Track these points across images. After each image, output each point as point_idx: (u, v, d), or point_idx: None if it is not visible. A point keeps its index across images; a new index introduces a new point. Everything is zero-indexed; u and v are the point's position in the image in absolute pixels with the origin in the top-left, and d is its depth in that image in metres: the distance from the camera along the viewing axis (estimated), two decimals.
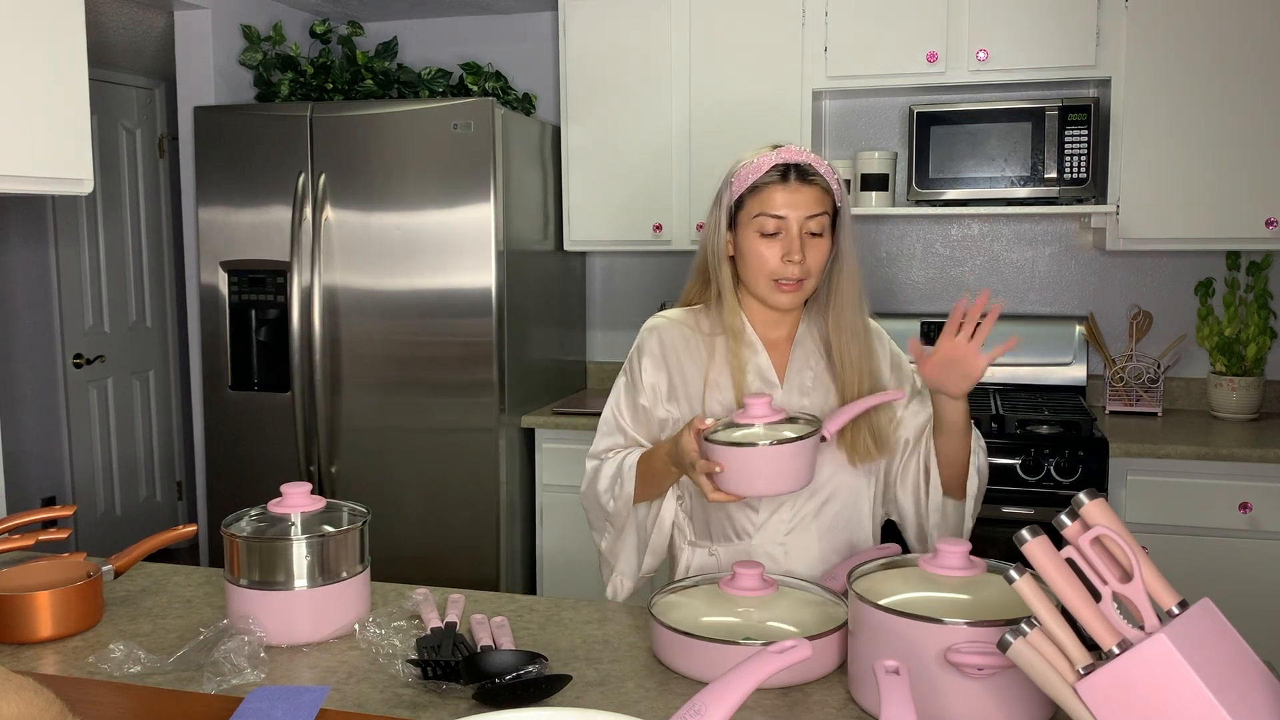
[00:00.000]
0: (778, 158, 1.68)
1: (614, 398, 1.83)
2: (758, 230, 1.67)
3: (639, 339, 1.82)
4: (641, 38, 3.45)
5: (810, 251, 1.68)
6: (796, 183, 1.66)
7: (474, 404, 3.22)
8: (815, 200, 1.67)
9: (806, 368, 1.76)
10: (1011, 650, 1.03)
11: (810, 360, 1.76)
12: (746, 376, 1.73)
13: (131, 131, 4.81)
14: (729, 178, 1.73)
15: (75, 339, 4.58)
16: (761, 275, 1.69)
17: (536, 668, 1.33)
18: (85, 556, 1.67)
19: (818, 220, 1.67)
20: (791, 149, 1.70)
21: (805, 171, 1.67)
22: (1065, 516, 1.04)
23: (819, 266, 1.70)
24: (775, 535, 1.73)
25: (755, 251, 1.68)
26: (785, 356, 1.77)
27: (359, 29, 3.76)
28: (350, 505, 1.61)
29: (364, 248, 3.24)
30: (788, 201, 1.66)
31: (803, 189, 1.66)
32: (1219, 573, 2.85)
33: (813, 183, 1.67)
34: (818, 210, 1.67)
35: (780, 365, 1.77)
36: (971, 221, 3.60)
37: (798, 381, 1.75)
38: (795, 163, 1.68)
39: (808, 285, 1.70)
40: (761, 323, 1.77)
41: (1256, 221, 3.05)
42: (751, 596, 1.43)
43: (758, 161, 1.69)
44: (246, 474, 3.41)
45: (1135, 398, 3.37)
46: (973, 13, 3.17)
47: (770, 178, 1.67)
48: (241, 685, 1.34)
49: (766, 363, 1.75)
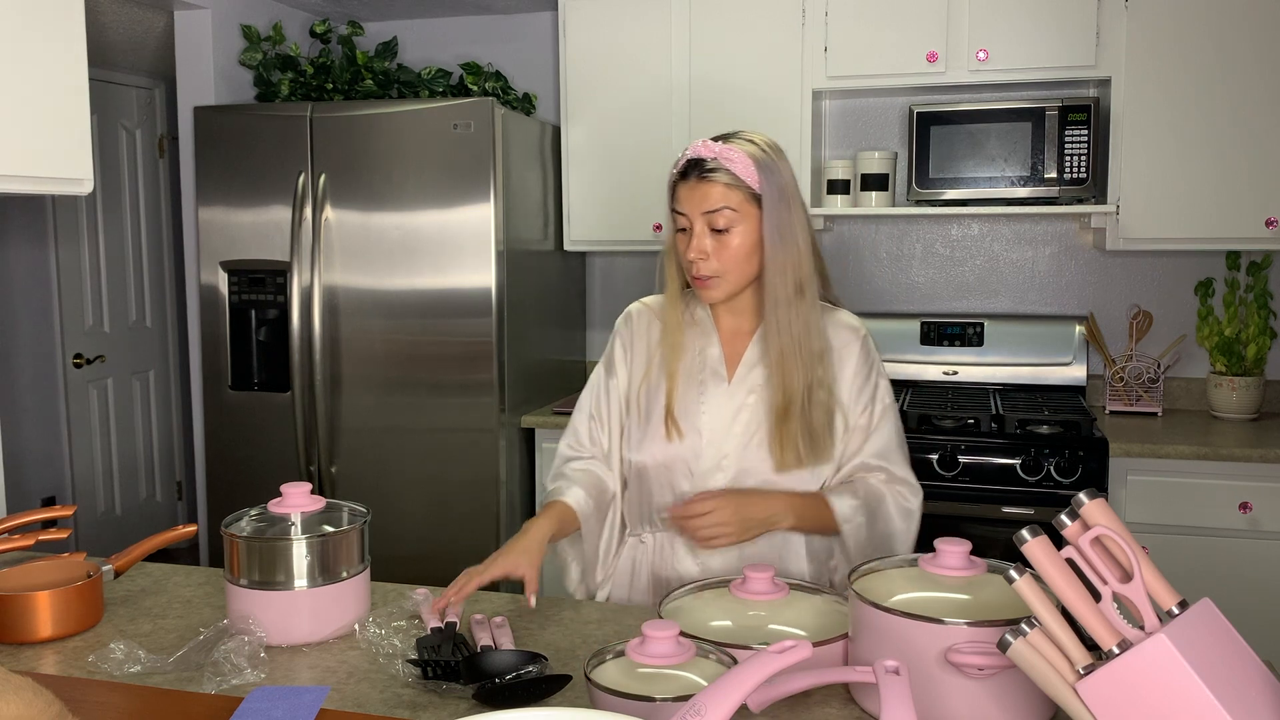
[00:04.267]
0: (689, 153, 1.68)
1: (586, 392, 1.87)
2: (676, 225, 1.70)
3: (618, 321, 1.88)
4: (641, 37, 3.45)
5: (719, 249, 1.66)
6: (695, 180, 1.66)
7: (474, 404, 3.22)
8: (714, 196, 1.64)
9: (760, 364, 1.73)
10: (1011, 650, 1.03)
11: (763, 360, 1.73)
12: (692, 363, 1.74)
13: (131, 131, 4.81)
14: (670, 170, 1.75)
15: (75, 339, 4.58)
16: (684, 269, 1.71)
17: (537, 668, 1.33)
18: (85, 556, 1.67)
19: (720, 216, 1.65)
20: (702, 144, 1.68)
21: (705, 168, 1.65)
22: (1065, 516, 1.04)
23: (731, 262, 1.66)
24: None
25: (676, 245, 1.72)
26: (741, 350, 1.76)
27: (359, 29, 3.76)
28: (350, 505, 1.61)
29: (364, 248, 3.24)
30: (687, 198, 1.67)
31: (700, 186, 1.66)
32: (1219, 573, 2.85)
33: (712, 179, 1.65)
34: (716, 206, 1.64)
35: (733, 357, 1.76)
36: (971, 221, 3.60)
37: (748, 378, 1.73)
38: (695, 157, 1.67)
39: (724, 282, 1.68)
40: (720, 313, 1.78)
41: (1256, 221, 3.05)
42: (761, 600, 1.43)
43: (681, 156, 1.71)
44: (246, 474, 3.41)
45: (1135, 398, 3.37)
46: (973, 13, 3.17)
47: (677, 174, 1.69)
48: (241, 685, 1.34)
49: (718, 353, 1.75)
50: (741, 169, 1.65)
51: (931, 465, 2.95)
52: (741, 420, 1.71)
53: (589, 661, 1.24)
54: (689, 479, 1.73)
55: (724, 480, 1.71)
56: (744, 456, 1.70)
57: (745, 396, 1.72)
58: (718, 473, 1.71)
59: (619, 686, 1.18)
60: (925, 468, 2.96)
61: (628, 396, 1.81)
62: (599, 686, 1.18)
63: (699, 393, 1.73)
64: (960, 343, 3.50)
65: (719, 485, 1.71)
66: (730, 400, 1.72)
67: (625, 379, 1.81)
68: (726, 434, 1.71)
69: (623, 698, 1.15)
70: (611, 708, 1.15)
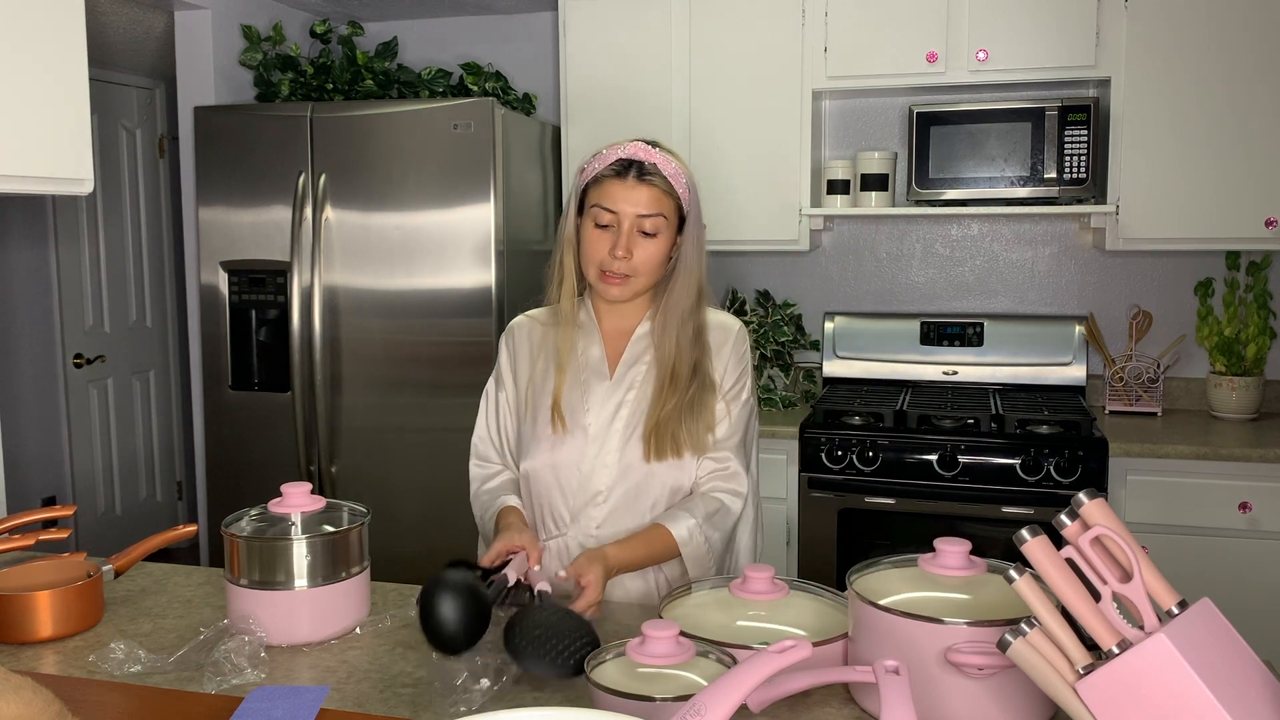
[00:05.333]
0: (623, 152, 1.71)
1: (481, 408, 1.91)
2: (593, 220, 1.71)
3: (500, 339, 1.90)
4: (641, 38, 3.45)
5: (640, 250, 1.70)
6: (634, 180, 1.69)
7: (474, 404, 3.20)
8: (650, 200, 1.69)
9: (640, 362, 1.78)
10: (1011, 650, 1.03)
11: (645, 356, 1.78)
12: (576, 362, 1.77)
13: (131, 131, 4.81)
14: (581, 166, 1.76)
15: (75, 339, 4.58)
16: (592, 264, 1.73)
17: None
18: (85, 556, 1.67)
19: (651, 220, 1.69)
20: (641, 147, 1.72)
21: (645, 170, 1.69)
22: (1065, 516, 1.04)
23: (648, 265, 1.71)
24: (588, 528, 1.75)
25: (589, 240, 1.72)
26: (621, 349, 1.80)
27: (359, 29, 3.76)
28: (350, 505, 1.61)
29: (364, 248, 3.24)
30: (621, 196, 1.69)
31: (639, 187, 1.69)
32: (1219, 573, 2.85)
33: (649, 183, 1.69)
34: (651, 210, 1.69)
35: (614, 356, 1.80)
36: (971, 221, 3.60)
37: (628, 375, 1.78)
38: (636, 159, 1.70)
39: (635, 282, 1.72)
40: (606, 314, 1.81)
41: (1256, 221, 3.05)
42: (761, 600, 1.43)
43: (606, 153, 1.73)
44: (246, 474, 3.41)
45: (1135, 398, 3.37)
46: (973, 13, 3.17)
47: (610, 171, 1.71)
48: (242, 685, 1.34)
49: (600, 353, 1.79)
50: (675, 180, 1.71)
51: (931, 465, 2.96)
52: (623, 416, 1.75)
53: (589, 661, 1.25)
54: (577, 477, 1.76)
55: (608, 477, 1.74)
56: (626, 451, 1.74)
57: (625, 393, 1.77)
58: (602, 469, 1.75)
59: (619, 686, 1.18)
60: (925, 468, 2.96)
61: (517, 406, 1.85)
62: (599, 686, 1.18)
63: (583, 392, 1.77)
64: (960, 343, 3.50)
65: (605, 482, 1.74)
66: (611, 397, 1.76)
67: (512, 388, 1.86)
68: (609, 430, 1.75)
69: (623, 698, 1.15)
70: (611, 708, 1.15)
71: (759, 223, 3.40)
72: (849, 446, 3.03)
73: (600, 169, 1.71)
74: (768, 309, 3.62)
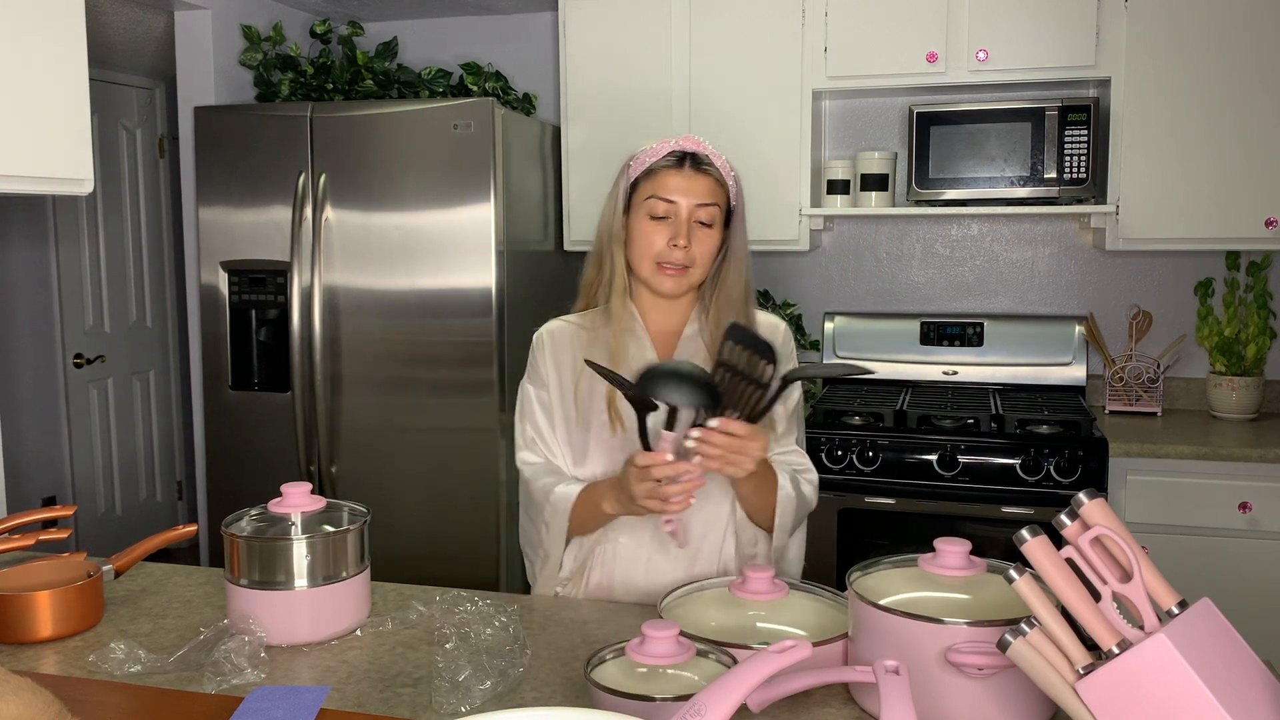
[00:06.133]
0: (675, 144, 1.72)
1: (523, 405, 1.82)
2: (648, 213, 1.70)
3: (534, 343, 1.83)
4: (641, 38, 3.45)
5: (697, 240, 1.70)
6: (690, 170, 1.70)
7: (474, 404, 3.22)
8: (707, 190, 1.69)
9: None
10: (1011, 650, 1.03)
11: (698, 357, 1.76)
12: (628, 365, 1.73)
13: (131, 131, 4.81)
14: (628, 161, 1.76)
15: (75, 339, 4.58)
16: (647, 258, 1.71)
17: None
18: (85, 556, 1.67)
19: (707, 210, 1.69)
20: (692, 139, 1.74)
21: (700, 160, 1.71)
22: (1065, 516, 1.04)
23: (705, 256, 1.71)
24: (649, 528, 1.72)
25: (643, 233, 1.71)
26: (671, 351, 1.78)
27: (359, 29, 3.76)
28: (350, 505, 1.61)
29: (364, 248, 3.24)
30: (679, 187, 1.69)
31: (696, 177, 1.70)
32: (1219, 573, 2.85)
33: (706, 173, 1.70)
34: (708, 200, 1.69)
35: (665, 358, 1.78)
36: (971, 221, 3.60)
37: None
38: (692, 151, 1.71)
39: (693, 274, 1.71)
40: (651, 315, 1.79)
41: (1256, 221, 3.05)
42: (761, 600, 1.43)
43: (656, 147, 1.73)
44: (246, 474, 3.41)
45: (1135, 398, 3.37)
46: (973, 13, 3.17)
47: (666, 162, 1.71)
48: (242, 685, 1.34)
49: (652, 356, 1.77)
50: (725, 172, 1.73)
51: (931, 465, 2.96)
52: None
53: (589, 661, 1.25)
54: None
55: None
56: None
57: None
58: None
59: (619, 686, 1.18)
60: (925, 468, 2.96)
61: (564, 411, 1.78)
62: (599, 686, 1.18)
63: None
64: (960, 343, 3.51)
65: None
66: None
67: (557, 393, 1.79)
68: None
69: (623, 698, 1.15)
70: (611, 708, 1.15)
71: (759, 222, 3.37)
72: (849, 446, 3.03)
73: (654, 161, 1.71)
74: (768, 309, 3.62)
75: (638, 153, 1.75)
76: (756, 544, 1.77)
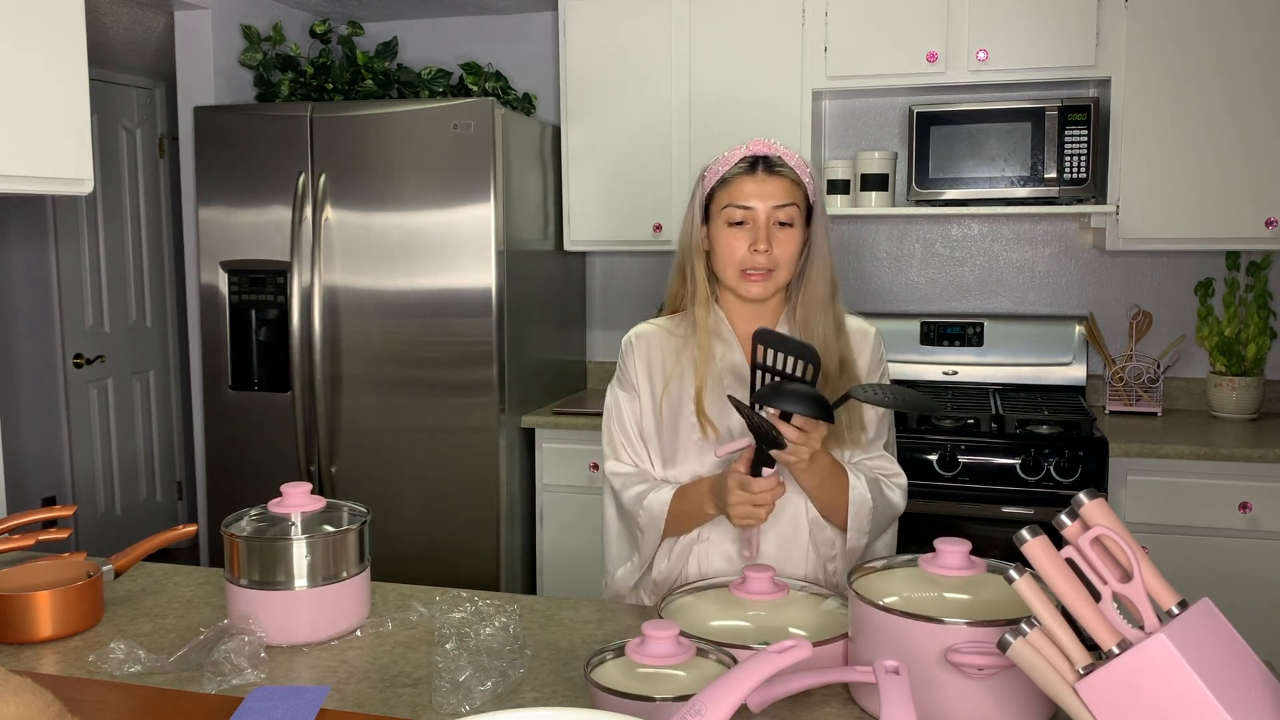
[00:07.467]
0: (747, 150, 1.73)
1: (613, 410, 1.82)
2: (726, 220, 1.71)
3: (623, 347, 1.84)
4: (641, 38, 3.45)
5: (778, 242, 1.69)
6: (763, 173, 1.70)
7: (474, 404, 3.22)
8: (783, 191, 1.69)
9: None
10: (1011, 650, 1.03)
11: None
12: (715, 368, 1.74)
13: (131, 131, 4.81)
14: (702, 173, 1.77)
15: (75, 339, 4.58)
16: (730, 265, 1.71)
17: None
18: (85, 556, 1.67)
19: (785, 211, 1.69)
20: (762, 142, 1.74)
21: (773, 163, 1.71)
22: (1065, 516, 1.04)
23: (788, 257, 1.71)
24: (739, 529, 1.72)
25: (724, 242, 1.71)
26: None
27: (359, 29, 3.76)
28: (350, 505, 1.61)
29: (364, 248, 3.24)
30: (755, 191, 1.69)
31: (770, 180, 1.70)
32: (1219, 573, 2.85)
33: (780, 174, 1.70)
34: (785, 201, 1.69)
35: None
36: (971, 221, 3.60)
37: None
38: (763, 154, 1.71)
39: (777, 276, 1.71)
40: (740, 318, 1.78)
41: (1256, 221, 3.05)
42: (762, 600, 1.43)
43: (728, 155, 1.74)
44: (246, 474, 3.41)
45: (1135, 398, 3.37)
46: (973, 13, 3.17)
47: (738, 169, 1.71)
48: (241, 685, 1.34)
49: (741, 359, 1.76)
50: (800, 170, 1.73)
51: (931, 465, 2.95)
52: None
53: (589, 661, 1.25)
54: None
55: None
56: None
57: None
58: None
59: (619, 686, 1.18)
60: (925, 468, 2.96)
61: (654, 414, 1.78)
62: (599, 686, 1.18)
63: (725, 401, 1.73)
64: (960, 343, 3.51)
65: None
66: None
67: (648, 396, 1.79)
68: None
69: (623, 698, 1.15)
70: (611, 708, 1.15)
71: None
72: None
73: (726, 170, 1.72)
74: None
75: (710, 163, 1.76)
76: (834, 545, 1.74)
